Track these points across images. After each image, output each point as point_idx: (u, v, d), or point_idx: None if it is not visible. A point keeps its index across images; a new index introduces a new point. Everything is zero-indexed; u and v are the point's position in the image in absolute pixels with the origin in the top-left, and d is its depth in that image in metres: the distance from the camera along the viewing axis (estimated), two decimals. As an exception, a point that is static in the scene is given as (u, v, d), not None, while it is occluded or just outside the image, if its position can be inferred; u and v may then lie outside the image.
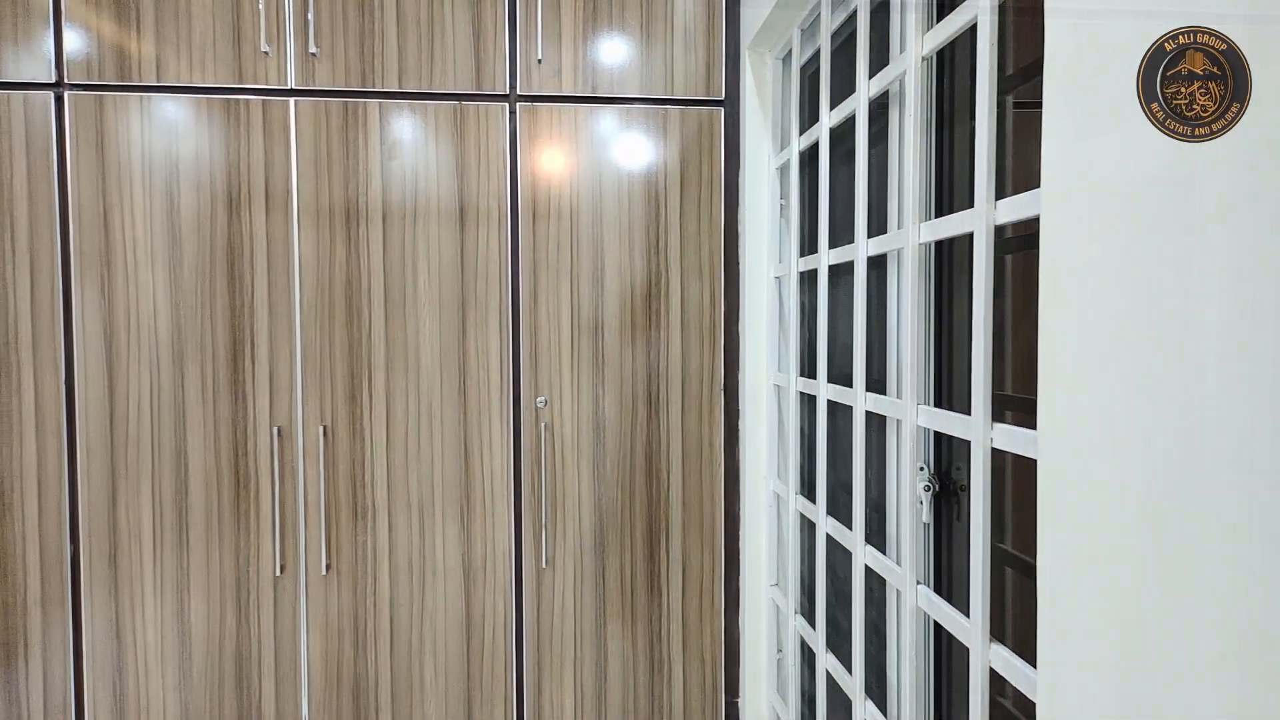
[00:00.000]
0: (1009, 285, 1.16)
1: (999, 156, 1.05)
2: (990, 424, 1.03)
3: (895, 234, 1.34)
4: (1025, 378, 1.14)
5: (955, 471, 1.32)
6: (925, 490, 1.31)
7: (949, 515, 1.35)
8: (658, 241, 2.01)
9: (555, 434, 2.00)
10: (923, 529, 1.34)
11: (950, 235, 1.16)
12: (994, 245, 1.04)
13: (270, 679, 1.94)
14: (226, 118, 1.88)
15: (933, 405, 1.33)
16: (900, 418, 1.30)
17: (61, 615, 1.88)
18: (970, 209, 1.07)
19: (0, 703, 1.87)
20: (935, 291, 1.35)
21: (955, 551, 1.34)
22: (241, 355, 1.90)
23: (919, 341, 1.28)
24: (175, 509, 1.89)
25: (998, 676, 1.03)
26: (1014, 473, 1.16)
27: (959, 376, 1.31)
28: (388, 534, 1.96)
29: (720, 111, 2.02)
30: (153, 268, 1.87)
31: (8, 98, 1.82)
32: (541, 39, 1.95)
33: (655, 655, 2.04)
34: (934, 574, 1.36)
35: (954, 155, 1.33)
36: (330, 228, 1.91)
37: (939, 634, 1.36)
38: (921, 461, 1.33)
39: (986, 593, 1.05)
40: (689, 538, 2.05)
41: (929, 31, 1.20)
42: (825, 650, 1.63)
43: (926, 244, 1.27)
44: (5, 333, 1.83)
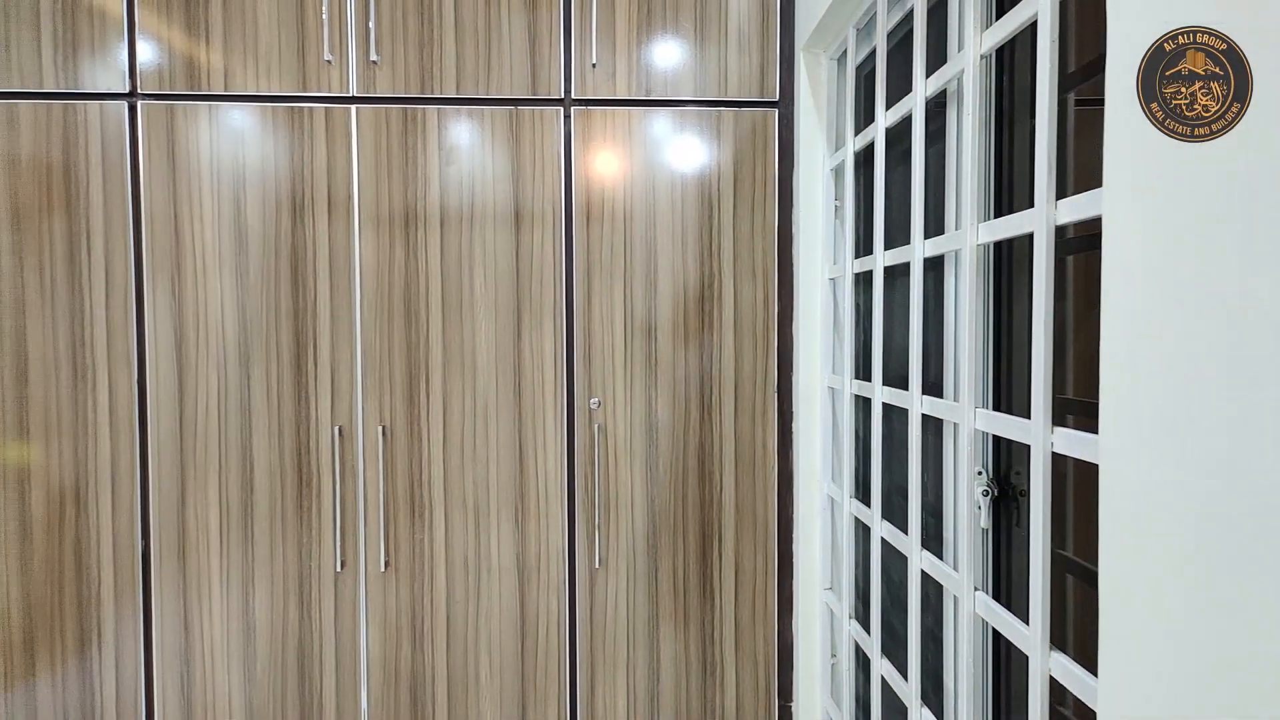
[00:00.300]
0: (1070, 286, 1.14)
1: (1060, 155, 1.03)
2: (1050, 428, 1.01)
3: (953, 235, 1.32)
4: (1087, 381, 1.11)
5: (1015, 476, 1.30)
6: (984, 495, 1.29)
7: (1008, 520, 1.32)
8: (711, 243, 2.01)
9: (608, 435, 2.01)
10: (981, 534, 1.32)
11: (1010, 236, 1.14)
12: (1055, 246, 1.02)
13: (331, 673, 1.98)
14: (291, 125, 1.93)
15: (991, 409, 1.31)
16: (957, 421, 1.28)
17: (133, 608, 1.94)
18: (1030, 209, 1.05)
19: (75, 690, 1.94)
20: (994, 293, 1.33)
21: (1014, 557, 1.31)
22: (304, 357, 1.95)
23: (977, 344, 1.26)
24: (241, 506, 1.95)
25: (1058, 685, 1.02)
26: (1075, 477, 1.13)
27: (1018, 379, 1.29)
28: (444, 532, 1.99)
29: (774, 113, 2.01)
30: (220, 272, 1.93)
31: (85, 108, 1.89)
32: (596, 43, 1.97)
33: (708, 658, 2.04)
34: (992, 580, 1.34)
35: (1013, 154, 1.30)
36: (390, 232, 1.95)
37: (998, 641, 1.34)
38: (979, 466, 1.31)
39: (1046, 600, 1.03)
40: (742, 540, 2.04)
41: (988, 29, 1.18)
42: (880, 656, 1.62)
43: (985, 245, 1.25)
44: (83, 336, 1.90)
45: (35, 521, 1.91)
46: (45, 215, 1.89)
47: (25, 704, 1.93)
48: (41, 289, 1.89)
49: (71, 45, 1.88)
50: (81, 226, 1.90)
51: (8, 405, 1.89)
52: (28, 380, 1.90)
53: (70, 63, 1.89)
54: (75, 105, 1.89)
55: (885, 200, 1.59)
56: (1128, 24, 0.79)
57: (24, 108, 1.88)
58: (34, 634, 1.92)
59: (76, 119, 1.89)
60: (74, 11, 1.88)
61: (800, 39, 1.95)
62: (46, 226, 1.89)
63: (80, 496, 1.92)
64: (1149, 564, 0.79)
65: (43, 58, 1.88)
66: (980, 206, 1.24)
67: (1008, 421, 1.13)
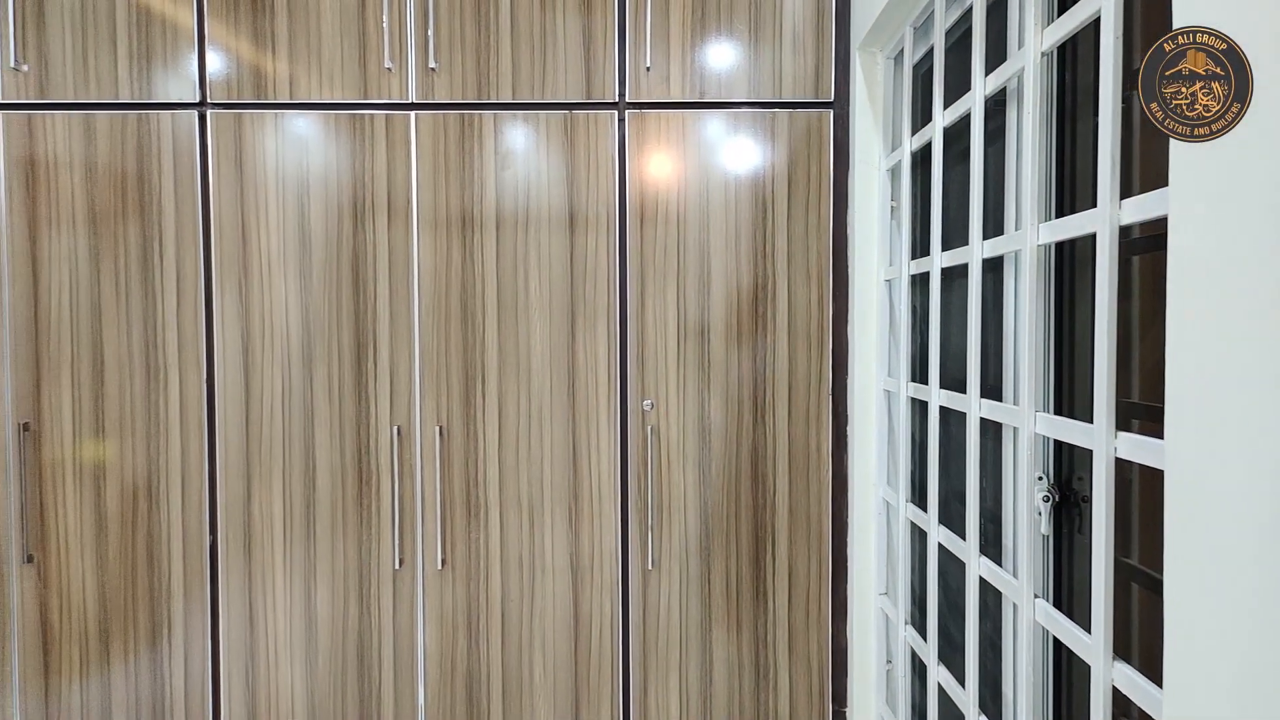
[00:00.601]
0: (1136, 287, 1.12)
1: (1124, 154, 1.01)
2: (1114, 433, 0.99)
3: (1012, 235, 1.30)
4: (1153, 384, 1.09)
5: (1077, 482, 1.28)
6: (1044, 501, 1.27)
7: (1069, 527, 1.30)
8: (764, 246, 2.01)
9: (661, 437, 2.01)
10: (1041, 540, 1.29)
11: (1072, 236, 1.12)
12: (1119, 246, 1.00)
13: (389, 668, 2.02)
14: (353, 132, 1.97)
15: (1052, 413, 1.29)
16: (1017, 425, 1.26)
17: (201, 600, 2.01)
18: (1093, 209, 1.03)
19: (147, 679, 2.01)
20: (1055, 294, 1.30)
21: (1076, 565, 1.29)
22: (365, 358, 1.99)
23: (1037, 346, 1.24)
24: (304, 503, 2.00)
25: (1121, 696, 0.99)
26: (1140, 484, 1.11)
27: (1081, 383, 1.27)
28: (499, 532, 2.01)
29: (829, 113, 2.00)
30: (285, 276, 1.98)
31: (157, 118, 1.96)
32: (650, 46, 1.97)
33: (761, 661, 2.04)
34: (1053, 587, 1.32)
35: (1075, 153, 1.28)
36: (447, 236, 1.98)
37: (1058, 650, 1.31)
38: (1040, 471, 1.29)
39: (1109, 608, 1.01)
40: (795, 544, 2.03)
41: (1049, 26, 1.16)
42: (937, 662, 1.59)
43: (1046, 245, 1.23)
44: (155, 337, 1.98)
45: (110, 516, 1.99)
46: (120, 221, 1.96)
47: (100, 691, 2.01)
48: (117, 293, 1.97)
49: (145, 57, 1.96)
50: (154, 232, 1.97)
51: (84, 404, 1.97)
52: (103, 380, 1.97)
53: (144, 74, 1.96)
54: (148, 115, 1.96)
55: (943, 201, 1.57)
56: (1198, 15, 0.77)
57: (101, 118, 1.95)
58: (109, 624, 2.00)
59: (150, 128, 1.96)
60: (148, 24, 1.95)
61: (856, 39, 1.94)
62: (121, 232, 1.96)
63: (152, 492, 1.99)
64: (1215, 572, 0.77)
65: (118, 70, 1.96)
66: (1041, 206, 1.22)
67: (1069, 426, 1.10)
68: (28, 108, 1.95)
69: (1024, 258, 1.23)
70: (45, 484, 1.98)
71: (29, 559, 1.98)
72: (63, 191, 1.95)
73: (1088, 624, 1.06)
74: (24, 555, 1.97)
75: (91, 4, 1.94)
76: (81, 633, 2.00)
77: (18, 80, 1.94)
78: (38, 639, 2.00)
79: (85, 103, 1.95)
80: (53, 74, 1.95)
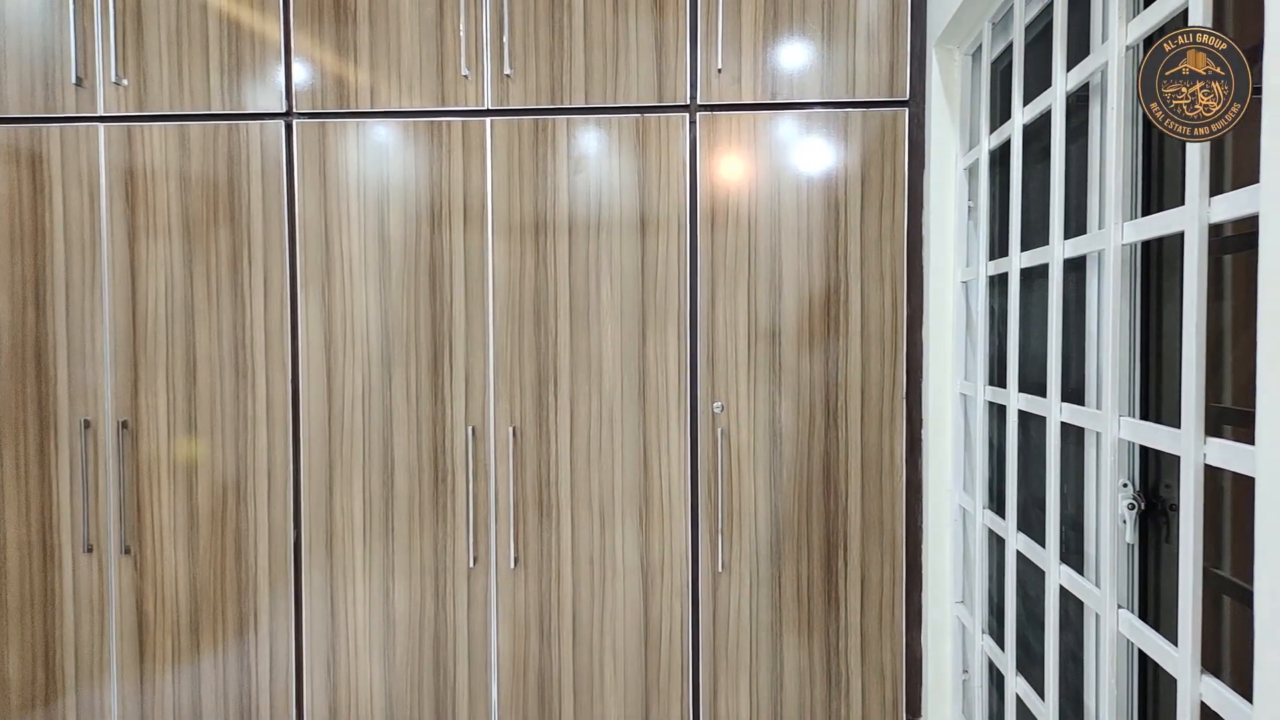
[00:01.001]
0: (1227, 288, 1.08)
1: (1214, 149, 0.98)
2: (1203, 438, 0.96)
3: (1095, 234, 1.27)
4: (1245, 388, 1.05)
5: (1164, 489, 1.24)
6: (1129, 508, 1.24)
7: (1156, 536, 1.26)
8: (837, 247, 1.99)
9: (731, 440, 2.01)
10: (1126, 549, 1.26)
11: (1158, 235, 1.09)
12: (1209, 245, 0.97)
13: (464, 664, 2.06)
14: (430, 139, 2.02)
15: (1137, 417, 1.25)
16: (1100, 430, 1.23)
17: (285, 595, 2.08)
18: (1181, 206, 1.00)
19: (234, 670, 2.09)
20: (1141, 295, 1.26)
21: (1163, 575, 1.25)
22: (441, 360, 2.04)
23: (1122, 348, 1.20)
24: (383, 500, 2.06)
25: (1209, 711, 0.97)
26: (1232, 491, 1.08)
27: (1168, 387, 1.23)
28: (571, 532, 2.04)
29: (904, 112, 1.97)
30: (365, 279, 2.04)
31: (246, 128, 2.04)
32: (721, 47, 1.97)
33: (833, 668, 2.02)
34: (1138, 598, 1.28)
35: (1162, 150, 1.24)
36: (521, 240, 2.02)
37: (1144, 662, 1.27)
38: (1125, 478, 1.25)
39: (1197, 620, 0.98)
40: (868, 550, 2.00)
41: (1134, 18, 1.13)
42: (1015, 673, 1.56)
43: (1130, 244, 1.20)
44: (244, 339, 2.05)
45: (201, 510, 2.07)
46: (212, 228, 2.05)
47: (191, 680, 2.10)
48: (208, 296, 2.05)
49: (235, 70, 2.04)
50: (243, 238, 2.05)
51: (178, 403, 2.06)
52: (196, 380, 2.06)
53: (234, 86, 2.04)
54: (238, 125, 2.04)
55: (1022, 200, 1.54)
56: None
57: (194, 129, 2.04)
58: (199, 615, 2.09)
59: (239, 138, 2.04)
60: (237, 38, 2.03)
61: (932, 35, 1.90)
62: (213, 238, 2.05)
63: (240, 488, 2.07)
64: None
65: (210, 82, 2.04)
66: (1126, 204, 1.19)
67: (1156, 431, 1.08)
68: (127, 120, 2.05)
69: (1108, 257, 1.20)
70: (142, 479, 2.07)
71: (126, 550, 2.08)
72: (159, 200, 2.05)
73: (1174, 636, 1.03)
74: (122, 547, 2.08)
75: (186, 20, 2.03)
76: (174, 622, 2.09)
77: (118, 94, 2.04)
78: (134, 627, 2.09)
79: (180, 114, 2.04)
80: (150, 87, 2.04)
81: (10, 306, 2.06)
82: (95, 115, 2.05)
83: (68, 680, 2.11)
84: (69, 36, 2.03)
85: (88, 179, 2.05)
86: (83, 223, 2.05)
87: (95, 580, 2.09)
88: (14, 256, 2.06)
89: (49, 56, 2.05)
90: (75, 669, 2.10)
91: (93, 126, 2.04)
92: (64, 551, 2.09)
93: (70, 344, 2.06)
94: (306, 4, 2.02)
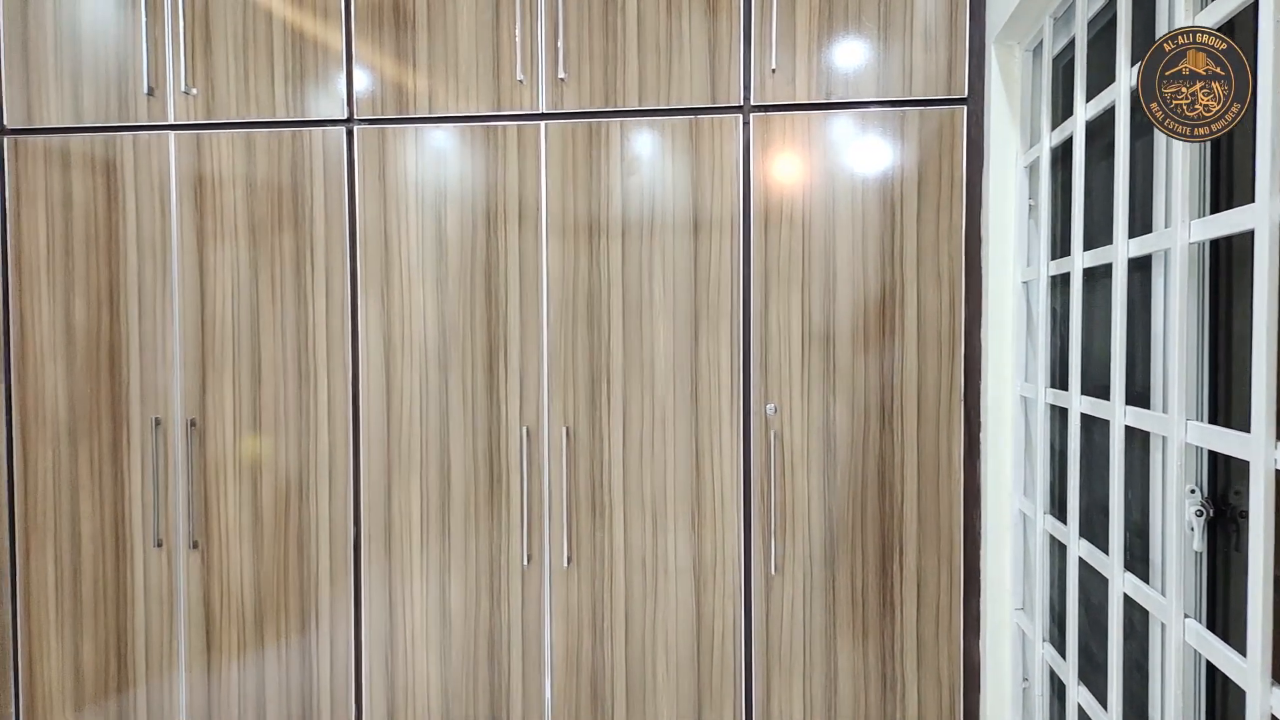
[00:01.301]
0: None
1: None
2: (1274, 443, 0.94)
3: (1161, 233, 1.24)
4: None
5: (1233, 495, 1.20)
6: (1197, 515, 1.20)
7: (1225, 543, 1.22)
8: (893, 247, 1.97)
9: (785, 442, 2.00)
10: (1193, 557, 1.23)
11: (1227, 233, 1.06)
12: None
13: (518, 661, 2.09)
14: (486, 143, 2.05)
15: (1205, 421, 1.21)
16: (1166, 434, 1.21)
17: (345, 591, 2.13)
18: (1251, 203, 0.98)
19: (296, 663, 2.15)
20: (1209, 295, 1.23)
21: (1233, 583, 1.21)
22: (496, 361, 2.06)
23: (1189, 350, 1.18)
24: (439, 499, 2.09)
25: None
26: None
27: (1238, 390, 1.19)
28: (623, 533, 2.05)
29: (962, 110, 1.94)
30: (423, 282, 2.08)
31: (309, 134, 2.09)
32: (776, 47, 1.97)
33: (888, 673, 2.00)
34: (1206, 607, 1.24)
35: (1231, 145, 1.20)
36: (574, 242, 2.03)
37: (1211, 673, 1.24)
38: (1192, 483, 1.22)
39: (1268, 630, 0.96)
40: (925, 554, 1.98)
41: (1202, 11, 1.10)
42: (1077, 683, 1.53)
43: (1198, 243, 1.17)
44: (306, 341, 2.11)
45: (265, 508, 2.13)
46: (276, 233, 2.11)
47: (255, 672, 2.16)
48: (273, 299, 2.11)
49: (299, 77, 2.09)
50: (306, 242, 2.10)
51: (244, 403, 2.12)
52: (260, 381, 2.12)
53: (298, 93, 2.09)
54: (301, 132, 2.09)
55: (1085, 198, 1.51)
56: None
57: (260, 135, 2.10)
58: (263, 610, 2.15)
59: (303, 144, 2.09)
60: (301, 47, 2.09)
61: (992, 32, 1.87)
62: (277, 243, 2.11)
63: (303, 487, 2.12)
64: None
65: (275, 90, 2.10)
66: (1193, 202, 1.16)
67: (1224, 435, 1.05)
68: (196, 128, 2.11)
69: (1174, 256, 1.18)
70: (209, 476, 2.14)
71: (194, 545, 2.15)
72: (226, 205, 2.11)
73: (1243, 646, 1.01)
74: (190, 541, 2.14)
75: (252, 30, 2.09)
76: (239, 616, 2.15)
77: (188, 103, 2.11)
78: (201, 620, 2.16)
79: (246, 122, 2.10)
80: (217, 96, 2.11)
81: (86, 310, 2.14)
82: (166, 124, 2.12)
83: (138, 670, 2.18)
84: (141, 48, 2.11)
85: (159, 186, 2.12)
86: (154, 228, 2.13)
87: (164, 574, 2.16)
88: (90, 261, 2.14)
89: (123, 68, 2.12)
90: (146, 659, 2.18)
91: (163, 134, 2.12)
92: (135, 546, 2.16)
93: (142, 345, 2.14)
94: (368, 12, 2.06)
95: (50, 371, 2.16)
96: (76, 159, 2.14)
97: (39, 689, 2.20)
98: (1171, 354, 1.20)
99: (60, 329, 2.15)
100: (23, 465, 2.18)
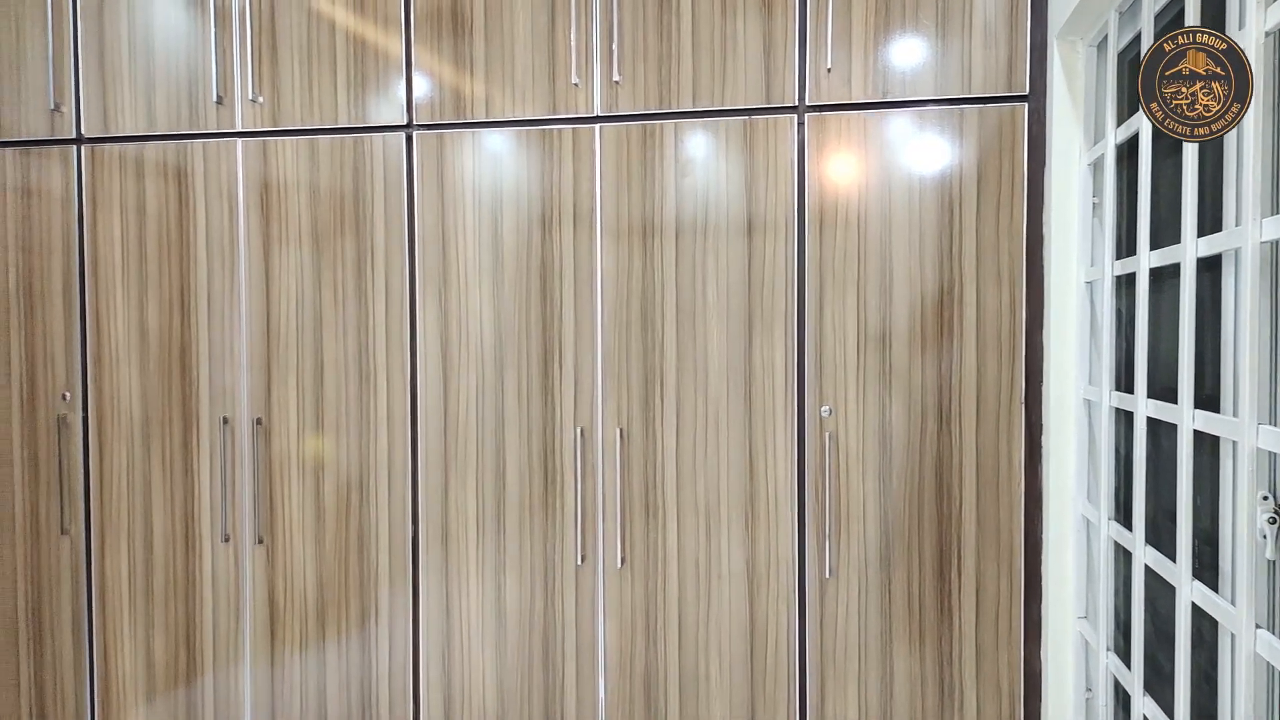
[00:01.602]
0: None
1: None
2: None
3: (1232, 232, 1.21)
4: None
5: (1308, 502, 1.16)
6: (1270, 522, 1.17)
7: (1298, 552, 1.18)
8: (951, 248, 1.94)
9: (839, 445, 1.99)
10: (1265, 565, 1.19)
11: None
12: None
13: (572, 661, 2.10)
14: (542, 146, 2.07)
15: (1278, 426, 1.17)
16: (1237, 439, 1.17)
17: (404, 589, 2.17)
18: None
19: (356, 658, 2.19)
20: (1282, 295, 1.19)
21: (1307, 594, 1.17)
22: (551, 362, 2.08)
23: (1261, 352, 1.14)
24: (495, 499, 2.12)
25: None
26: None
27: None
28: (676, 534, 2.05)
29: (1023, 107, 1.91)
30: (480, 284, 2.11)
31: (370, 140, 2.14)
32: (831, 46, 1.95)
33: (945, 679, 1.96)
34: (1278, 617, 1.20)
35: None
36: (629, 243, 2.04)
37: (1284, 685, 1.20)
38: (1265, 490, 1.18)
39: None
40: (984, 559, 1.94)
41: (1275, 2, 1.06)
42: (1143, 694, 1.49)
43: (1270, 242, 1.13)
44: (367, 343, 2.15)
45: (327, 506, 2.19)
46: (338, 237, 2.16)
47: (317, 667, 2.21)
48: (335, 302, 2.16)
49: (360, 84, 2.14)
50: (367, 246, 2.15)
51: (307, 404, 2.18)
52: (323, 382, 2.17)
53: (359, 100, 2.14)
54: (363, 138, 2.14)
55: (1151, 196, 1.47)
56: None
57: (323, 142, 2.15)
58: (325, 606, 2.20)
59: (364, 150, 2.14)
60: (362, 54, 2.14)
61: (1054, 26, 1.84)
62: (339, 247, 2.16)
63: (363, 485, 2.17)
64: None
65: (337, 96, 2.15)
66: (1266, 199, 1.12)
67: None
68: (262, 135, 2.18)
69: (1245, 255, 1.15)
70: (274, 474, 2.20)
71: (260, 541, 2.21)
72: (290, 211, 2.17)
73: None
74: (256, 537, 2.21)
75: (315, 39, 2.15)
76: (302, 612, 2.21)
77: (255, 110, 2.17)
78: (265, 614, 2.22)
79: (309, 129, 2.16)
80: (283, 103, 2.17)
81: (159, 313, 2.22)
82: (234, 131, 2.18)
83: (206, 661, 2.25)
84: (211, 58, 2.18)
85: (227, 192, 2.19)
86: (223, 233, 2.20)
87: (231, 569, 2.23)
88: (163, 266, 2.21)
89: (193, 77, 2.20)
90: (213, 651, 2.25)
91: (231, 142, 2.18)
92: (204, 541, 2.23)
93: (211, 347, 2.21)
94: (426, 19, 2.10)
95: (125, 373, 2.24)
96: (150, 166, 2.21)
97: (113, 679, 2.28)
98: (1242, 356, 1.17)
99: (135, 331, 2.23)
100: (99, 463, 2.26)
